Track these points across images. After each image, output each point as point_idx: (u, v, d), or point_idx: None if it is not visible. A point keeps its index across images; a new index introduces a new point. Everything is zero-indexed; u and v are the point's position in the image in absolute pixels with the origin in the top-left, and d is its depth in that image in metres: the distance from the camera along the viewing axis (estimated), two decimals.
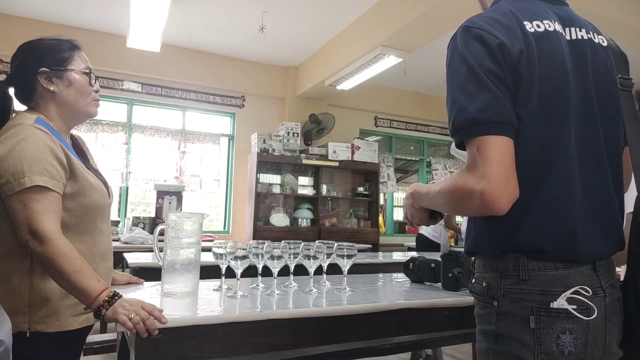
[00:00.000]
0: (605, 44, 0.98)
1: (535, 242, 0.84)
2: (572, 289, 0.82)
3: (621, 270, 0.97)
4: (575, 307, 0.81)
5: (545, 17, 0.91)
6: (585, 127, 0.89)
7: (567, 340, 0.81)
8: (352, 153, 5.65)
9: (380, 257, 3.20)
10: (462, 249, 1.87)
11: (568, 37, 0.92)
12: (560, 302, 0.81)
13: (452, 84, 0.87)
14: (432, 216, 1.09)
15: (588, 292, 0.82)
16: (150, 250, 3.02)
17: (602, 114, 0.91)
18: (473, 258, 0.99)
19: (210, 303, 1.29)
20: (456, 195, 0.86)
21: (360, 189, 5.89)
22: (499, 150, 0.80)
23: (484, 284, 0.91)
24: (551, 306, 0.82)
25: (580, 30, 0.94)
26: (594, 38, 0.96)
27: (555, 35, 0.90)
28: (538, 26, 0.89)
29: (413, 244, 5.31)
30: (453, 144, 1.23)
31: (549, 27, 0.90)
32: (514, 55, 0.84)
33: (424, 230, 4.97)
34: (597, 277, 0.86)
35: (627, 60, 1.01)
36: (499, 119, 0.81)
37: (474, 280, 0.95)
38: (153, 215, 4.49)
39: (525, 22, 0.88)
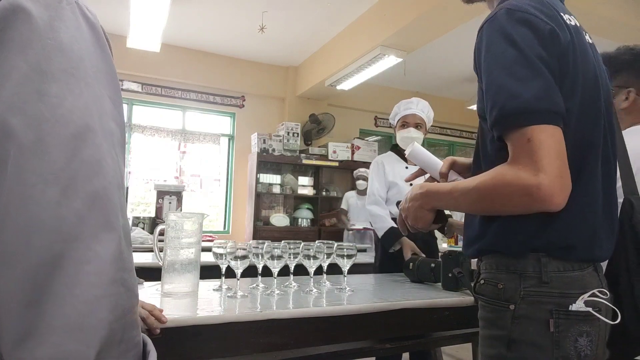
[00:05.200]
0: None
1: (566, 239, 0.80)
2: (590, 292, 0.80)
3: None
4: (591, 309, 0.79)
5: (570, 13, 0.88)
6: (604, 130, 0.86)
7: (584, 344, 0.79)
8: (352, 153, 5.65)
9: None
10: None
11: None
12: (579, 305, 0.79)
13: (496, 67, 0.79)
14: (437, 221, 1.01)
15: (606, 294, 0.80)
16: (150, 250, 3.02)
17: (607, 119, 0.89)
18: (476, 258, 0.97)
19: (210, 303, 1.29)
20: (502, 191, 0.77)
21: None
22: (556, 141, 0.74)
23: (500, 286, 0.85)
24: (570, 309, 0.79)
25: (586, 34, 0.90)
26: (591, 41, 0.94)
27: (582, 32, 0.86)
28: (569, 20, 0.84)
29: None
30: (410, 147, 1.13)
31: (577, 23, 0.86)
32: (563, 44, 0.78)
33: None
34: (599, 277, 0.85)
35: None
36: (556, 108, 0.75)
37: (482, 282, 0.89)
38: (153, 215, 4.48)
39: (561, 13, 0.83)
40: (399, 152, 2.44)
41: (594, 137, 0.83)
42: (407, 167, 2.39)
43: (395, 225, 2.23)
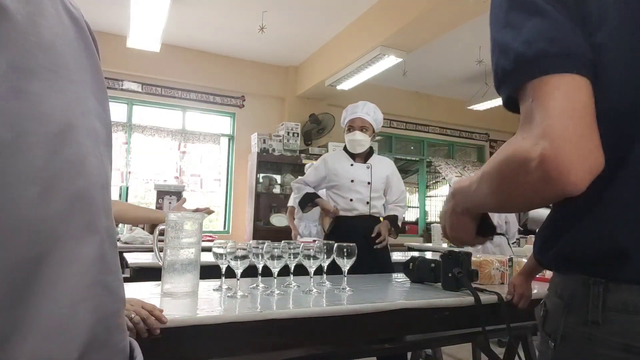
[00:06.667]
0: None
1: (614, 240, 0.54)
2: None
3: None
4: None
5: None
6: None
7: None
8: None
9: None
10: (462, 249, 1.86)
11: None
12: None
13: (494, 23, 0.61)
14: (482, 232, 0.75)
15: None
16: (150, 250, 3.02)
17: None
18: None
19: (210, 303, 1.29)
20: (505, 170, 0.56)
21: None
22: (564, 93, 0.52)
23: (542, 311, 0.64)
24: None
25: None
26: None
27: None
28: None
29: (413, 243, 5.30)
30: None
31: None
32: None
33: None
34: None
35: None
36: (557, 48, 0.53)
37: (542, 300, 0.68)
38: None
39: None
40: (348, 151, 2.59)
41: None
42: (352, 165, 2.52)
43: (310, 192, 2.51)
